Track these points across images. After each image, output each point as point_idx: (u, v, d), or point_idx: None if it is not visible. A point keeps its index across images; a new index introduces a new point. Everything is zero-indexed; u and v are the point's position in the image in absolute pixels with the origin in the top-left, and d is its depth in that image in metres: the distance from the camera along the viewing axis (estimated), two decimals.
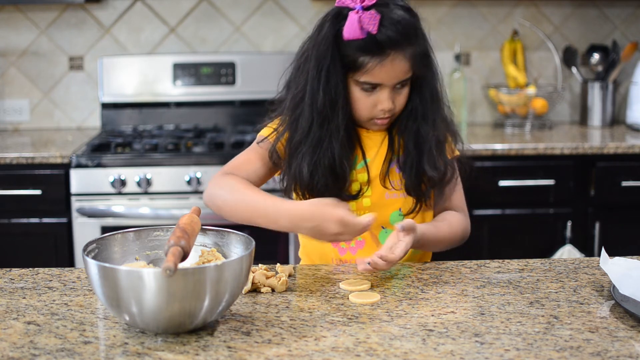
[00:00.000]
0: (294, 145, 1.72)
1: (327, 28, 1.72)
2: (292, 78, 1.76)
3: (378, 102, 1.70)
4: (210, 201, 1.68)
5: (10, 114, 3.63)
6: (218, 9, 3.61)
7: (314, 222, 1.50)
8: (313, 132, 1.70)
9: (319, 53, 1.69)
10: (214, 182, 1.69)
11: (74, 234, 3.03)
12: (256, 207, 1.58)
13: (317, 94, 1.69)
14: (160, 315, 1.24)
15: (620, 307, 1.39)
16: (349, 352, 1.23)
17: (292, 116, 1.73)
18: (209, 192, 1.68)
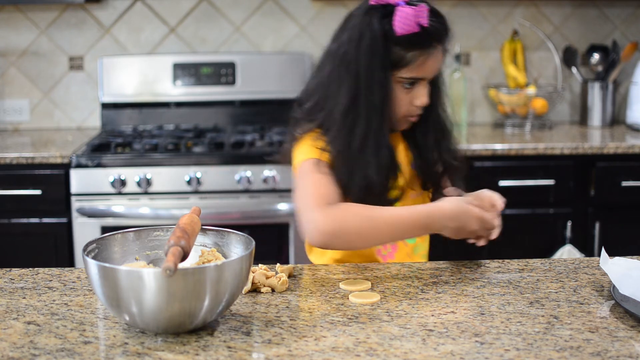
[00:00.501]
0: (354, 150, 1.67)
1: (370, 28, 1.66)
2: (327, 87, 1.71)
3: (415, 97, 1.71)
4: (335, 237, 1.56)
5: (10, 114, 3.63)
6: (218, 9, 3.61)
7: (459, 222, 1.59)
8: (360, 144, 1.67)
9: (364, 55, 1.66)
10: (330, 217, 1.56)
11: (74, 234, 3.03)
12: (406, 221, 1.58)
13: (372, 92, 1.66)
14: (160, 315, 1.24)
15: (620, 307, 1.39)
16: (349, 352, 1.23)
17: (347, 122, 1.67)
18: (329, 230, 1.55)
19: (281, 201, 3.04)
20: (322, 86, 1.73)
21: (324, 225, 1.55)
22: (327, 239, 1.56)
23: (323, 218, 1.56)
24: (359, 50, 1.66)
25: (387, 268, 1.64)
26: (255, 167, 3.03)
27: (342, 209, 1.58)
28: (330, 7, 3.61)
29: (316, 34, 3.63)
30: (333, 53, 1.72)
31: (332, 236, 1.56)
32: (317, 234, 1.56)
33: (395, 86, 1.69)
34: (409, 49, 1.66)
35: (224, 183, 3.03)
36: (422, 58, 1.67)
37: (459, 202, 1.59)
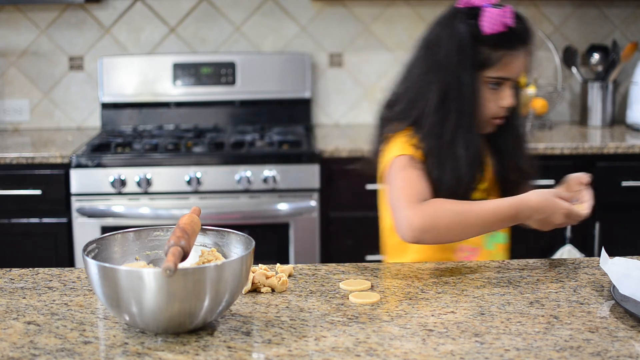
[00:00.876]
0: (445, 143, 1.74)
1: (457, 28, 1.74)
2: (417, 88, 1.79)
3: (502, 98, 1.77)
4: (428, 234, 1.63)
5: (10, 114, 3.63)
6: (218, 9, 3.61)
7: (545, 215, 1.63)
8: (450, 139, 1.73)
9: (452, 55, 1.74)
10: (422, 214, 1.62)
11: (74, 234, 3.03)
12: (494, 214, 1.64)
13: (457, 98, 1.73)
14: (160, 315, 1.24)
15: (620, 307, 1.39)
16: (349, 352, 1.23)
17: (437, 116, 1.74)
18: (422, 227, 1.62)
19: (281, 201, 3.04)
20: (413, 86, 1.81)
21: (416, 222, 1.62)
22: (418, 235, 1.63)
23: (414, 215, 1.63)
24: (448, 51, 1.74)
25: (387, 268, 1.64)
26: (255, 167, 3.03)
27: (432, 205, 1.65)
28: (330, 7, 3.61)
29: (316, 34, 3.63)
30: (422, 55, 1.81)
31: (424, 232, 1.63)
32: (409, 230, 1.63)
33: (482, 87, 1.76)
34: (495, 49, 1.73)
35: (224, 183, 3.03)
36: (508, 58, 1.73)
37: (546, 195, 1.64)
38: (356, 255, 3.12)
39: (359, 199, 3.13)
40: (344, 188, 3.13)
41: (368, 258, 3.14)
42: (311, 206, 3.05)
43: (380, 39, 3.65)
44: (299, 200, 3.04)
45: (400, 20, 3.64)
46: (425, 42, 1.82)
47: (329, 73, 3.68)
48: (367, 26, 3.64)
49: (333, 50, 3.66)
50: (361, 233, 3.15)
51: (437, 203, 1.65)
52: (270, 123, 3.56)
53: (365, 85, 3.69)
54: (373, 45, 3.65)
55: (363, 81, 3.69)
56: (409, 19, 3.64)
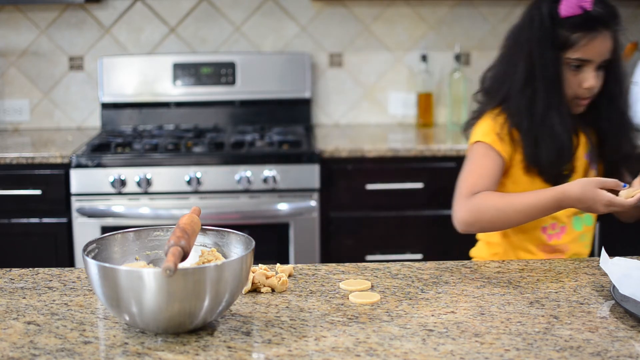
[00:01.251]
0: (537, 121, 1.83)
1: (539, 11, 1.84)
2: (504, 68, 1.89)
3: (583, 80, 1.84)
4: (473, 227, 1.80)
5: (10, 114, 3.63)
6: (218, 9, 3.61)
7: (587, 204, 1.68)
8: (540, 113, 1.82)
9: (535, 36, 1.83)
10: (467, 209, 1.78)
11: (74, 234, 3.03)
12: (535, 208, 1.72)
13: (546, 66, 1.82)
14: (160, 315, 1.24)
15: (620, 307, 1.39)
16: (349, 352, 1.23)
17: (525, 98, 1.84)
18: (466, 220, 1.78)
19: (281, 201, 3.04)
20: (501, 67, 1.92)
21: (462, 216, 1.79)
22: (465, 228, 1.80)
23: (461, 210, 1.79)
24: (531, 32, 1.84)
25: (387, 268, 1.64)
26: (255, 167, 3.03)
27: (477, 200, 1.77)
28: (330, 7, 3.61)
29: (316, 34, 3.63)
30: (509, 37, 1.92)
31: (469, 225, 1.79)
32: (457, 222, 1.81)
33: (564, 67, 1.84)
34: (573, 31, 1.81)
35: (224, 183, 3.03)
36: (586, 40, 1.81)
37: (587, 186, 1.67)
38: (356, 255, 3.12)
39: (359, 199, 3.13)
40: (344, 188, 3.13)
41: (368, 258, 3.14)
42: (311, 206, 3.05)
43: (380, 39, 3.65)
44: (299, 200, 3.04)
45: (400, 20, 3.64)
46: (514, 25, 1.92)
47: (329, 73, 3.68)
48: (367, 26, 3.64)
49: (333, 50, 3.66)
50: (361, 233, 3.15)
51: (481, 198, 1.77)
52: (270, 123, 3.56)
53: (365, 85, 3.69)
54: (373, 45, 3.65)
55: (363, 81, 3.69)
56: (409, 19, 3.64)
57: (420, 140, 3.37)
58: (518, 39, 1.89)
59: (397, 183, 3.13)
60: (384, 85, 3.69)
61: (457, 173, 3.13)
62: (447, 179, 3.15)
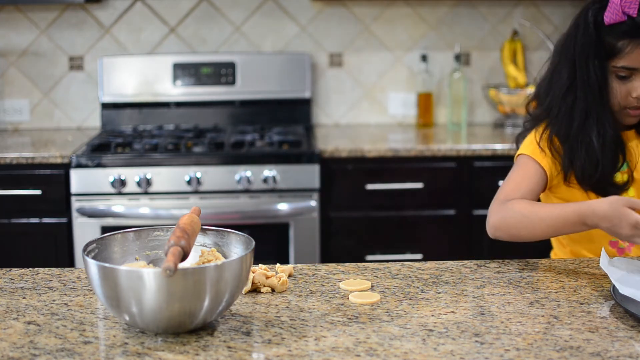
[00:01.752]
0: (575, 131, 1.80)
1: (585, 18, 1.81)
2: (550, 76, 1.86)
3: (632, 89, 1.79)
4: (500, 231, 1.74)
5: (10, 114, 3.63)
6: (218, 9, 3.61)
7: (612, 224, 1.59)
8: (577, 123, 1.79)
9: (579, 43, 1.79)
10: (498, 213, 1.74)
11: (74, 234, 3.03)
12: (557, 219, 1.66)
13: (588, 79, 1.78)
14: (160, 315, 1.24)
15: (620, 307, 1.39)
16: (349, 352, 1.23)
17: (564, 107, 1.82)
18: (495, 224, 1.74)
19: (281, 201, 3.04)
20: (548, 75, 1.89)
21: (492, 220, 1.76)
22: (493, 232, 1.76)
23: (493, 213, 1.76)
24: (575, 39, 1.80)
25: (387, 268, 1.64)
26: (255, 167, 3.03)
27: (507, 206, 1.74)
28: (330, 7, 3.61)
29: (316, 34, 3.63)
30: (557, 44, 1.88)
31: (497, 230, 1.75)
32: (487, 226, 1.77)
33: (611, 76, 1.80)
34: (618, 39, 1.76)
35: (224, 183, 3.03)
36: (631, 47, 1.76)
37: (614, 204, 1.59)
38: (356, 255, 3.12)
39: (359, 199, 3.13)
40: (344, 188, 3.13)
41: (368, 258, 3.14)
42: (311, 206, 3.05)
43: (380, 39, 3.65)
44: (299, 200, 3.04)
45: (400, 20, 3.64)
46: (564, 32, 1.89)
47: (329, 73, 3.68)
48: (367, 26, 3.64)
49: (333, 50, 3.66)
50: (361, 233, 3.15)
51: (512, 203, 1.74)
52: (270, 123, 3.56)
53: (365, 85, 3.69)
54: (373, 45, 3.65)
55: (363, 81, 3.69)
56: (409, 19, 3.64)
57: (420, 140, 3.37)
58: (564, 47, 1.85)
59: (397, 183, 3.13)
60: (384, 85, 3.69)
61: (457, 173, 3.16)
62: (447, 179, 3.16)
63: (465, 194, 3.16)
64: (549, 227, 1.68)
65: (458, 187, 3.16)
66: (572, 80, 1.81)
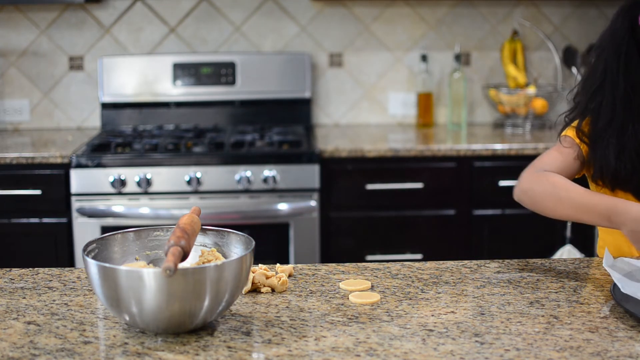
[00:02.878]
0: (597, 132, 1.78)
1: (622, 18, 1.80)
2: (589, 72, 1.86)
3: None
4: (525, 195, 1.73)
5: (10, 114, 3.63)
6: (218, 9, 3.61)
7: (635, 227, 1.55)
8: (616, 118, 1.77)
9: (615, 41, 1.79)
10: (530, 178, 1.74)
11: (74, 234, 3.03)
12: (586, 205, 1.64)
13: (617, 80, 1.77)
14: (160, 315, 1.24)
15: (620, 307, 1.39)
16: (349, 352, 1.23)
17: (593, 104, 1.80)
18: (523, 187, 1.74)
19: (281, 201, 3.04)
20: (588, 69, 1.88)
21: (522, 182, 1.75)
22: (520, 196, 1.75)
23: (525, 177, 1.75)
24: (610, 41, 1.81)
25: (387, 268, 1.64)
26: (255, 167, 3.03)
27: (543, 174, 1.72)
28: (330, 7, 3.61)
29: (316, 34, 3.63)
30: (597, 43, 1.88)
31: (524, 194, 1.74)
32: (516, 189, 1.76)
33: None
34: None
35: (224, 183, 3.03)
36: None
37: None
38: (356, 255, 3.12)
39: (359, 199, 3.13)
40: (344, 188, 3.13)
41: (368, 258, 3.14)
42: (311, 206, 3.05)
43: (380, 39, 3.65)
44: (299, 200, 3.04)
45: (400, 20, 3.64)
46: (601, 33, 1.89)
47: (329, 73, 3.68)
48: (367, 26, 3.64)
49: (333, 50, 3.66)
50: (361, 233, 3.15)
51: (547, 174, 1.72)
52: (270, 123, 3.56)
53: (365, 85, 3.69)
54: (373, 45, 3.65)
55: (363, 81, 3.69)
56: (409, 19, 3.64)
57: (420, 140, 3.37)
58: (599, 47, 1.85)
59: (397, 183, 3.13)
60: (384, 85, 3.69)
61: (457, 173, 3.16)
62: (447, 179, 3.16)
63: (465, 194, 3.16)
64: (573, 209, 1.65)
65: (458, 187, 3.16)
66: (602, 80, 1.80)
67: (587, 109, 1.81)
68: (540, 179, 1.71)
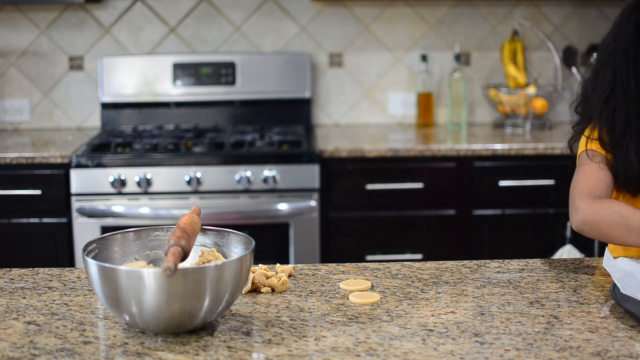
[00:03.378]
0: (615, 139, 1.75)
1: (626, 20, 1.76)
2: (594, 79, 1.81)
3: None
4: (590, 227, 1.67)
5: (10, 114, 3.63)
6: (218, 9, 3.61)
7: None
8: (632, 122, 1.74)
9: (622, 45, 1.74)
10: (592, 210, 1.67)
11: (74, 234, 3.03)
12: None
13: (629, 85, 1.73)
14: (160, 315, 1.24)
15: (620, 307, 1.39)
16: (349, 352, 1.23)
17: (606, 112, 1.76)
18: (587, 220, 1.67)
19: (281, 201, 3.04)
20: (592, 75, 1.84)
21: (584, 214, 1.68)
22: (583, 228, 1.68)
23: (585, 207, 1.68)
24: (617, 43, 1.76)
25: (387, 268, 1.64)
26: (255, 167, 3.03)
27: (603, 203, 1.68)
28: (330, 7, 3.61)
29: (316, 34, 3.63)
30: (601, 43, 1.83)
31: (588, 226, 1.67)
32: (576, 221, 1.69)
33: None
34: None
35: (224, 183, 3.03)
36: None
37: None
38: (356, 255, 3.12)
39: (359, 199, 3.13)
40: (344, 188, 3.13)
41: (368, 258, 3.14)
42: (311, 206, 3.05)
43: (380, 39, 3.65)
44: (299, 200, 3.04)
45: (400, 20, 3.64)
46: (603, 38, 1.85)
47: (329, 73, 3.68)
48: (367, 26, 3.64)
49: (333, 50, 3.66)
50: (361, 233, 3.15)
51: (608, 203, 1.67)
52: (270, 123, 3.56)
53: (365, 85, 3.69)
54: (373, 45, 3.65)
55: (363, 81, 3.69)
56: (409, 19, 3.64)
57: (420, 140, 3.37)
58: (605, 50, 1.80)
59: (397, 183, 3.13)
60: (384, 85, 3.69)
61: (457, 173, 3.16)
62: (447, 179, 3.16)
63: (465, 194, 3.16)
64: None
65: (458, 187, 3.16)
66: (612, 86, 1.76)
67: (601, 117, 1.77)
68: (604, 209, 1.66)
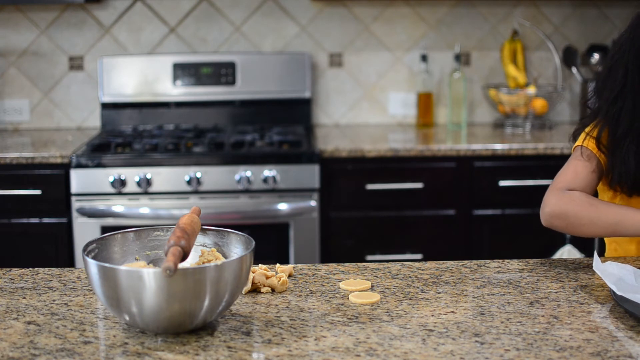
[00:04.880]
0: (617, 138, 1.75)
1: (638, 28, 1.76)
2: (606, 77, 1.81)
3: None
4: (561, 219, 1.70)
5: (10, 114, 3.63)
6: (218, 9, 3.61)
7: None
8: (637, 124, 1.74)
9: (636, 47, 1.74)
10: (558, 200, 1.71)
11: (74, 234, 3.03)
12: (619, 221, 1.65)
13: (633, 91, 1.73)
14: (160, 315, 1.24)
15: (620, 307, 1.39)
16: (349, 352, 1.23)
17: (613, 110, 1.77)
18: (554, 211, 1.70)
19: (281, 201, 3.04)
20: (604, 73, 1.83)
21: (551, 206, 1.71)
22: (550, 220, 1.71)
23: (552, 200, 1.72)
24: (630, 45, 1.75)
25: (387, 268, 1.64)
26: (255, 167, 3.03)
27: (569, 195, 1.71)
28: (330, 7, 3.61)
29: (316, 34, 3.63)
30: (612, 48, 1.82)
31: (554, 217, 1.71)
32: (543, 213, 1.73)
33: None
34: None
35: (224, 183, 3.03)
36: None
37: None
38: (356, 255, 3.12)
39: (359, 199, 3.13)
40: (344, 188, 3.13)
41: (368, 258, 3.14)
42: (311, 206, 3.05)
43: (380, 39, 3.65)
44: (299, 200, 3.04)
45: (400, 20, 3.64)
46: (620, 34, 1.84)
47: (329, 73, 3.68)
48: (367, 26, 3.64)
49: (333, 50, 3.66)
50: (361, 233, 3.15)
51: (575, 195, 1.70)
52: (270, 123, 3.56)
53: (365, 85, 3.69)
54: (373, 45, 3.65)
55: (363, 81, 3.69)
56: (409, 19, 3.64)
57: (420, 140, 3.37)
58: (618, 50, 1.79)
59: (397, 183, 3.13)
60: (384, 85, 3.69)
61: (457, 173, 3.16)
62: (447, 179, 3.16)
63: (465, 194, 3.16)
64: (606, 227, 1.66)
65: (458, 187, 3.16)
66: (622, 86, 1.76)
67: (608, 114, 1.77)
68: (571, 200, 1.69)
